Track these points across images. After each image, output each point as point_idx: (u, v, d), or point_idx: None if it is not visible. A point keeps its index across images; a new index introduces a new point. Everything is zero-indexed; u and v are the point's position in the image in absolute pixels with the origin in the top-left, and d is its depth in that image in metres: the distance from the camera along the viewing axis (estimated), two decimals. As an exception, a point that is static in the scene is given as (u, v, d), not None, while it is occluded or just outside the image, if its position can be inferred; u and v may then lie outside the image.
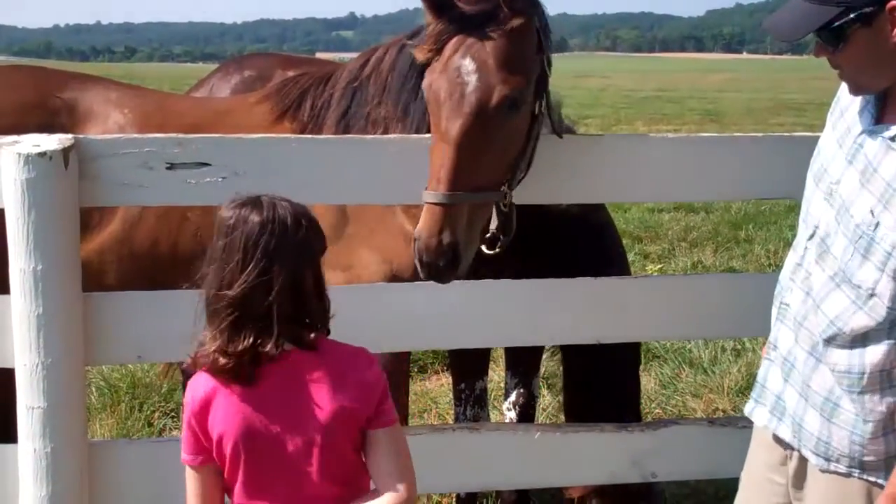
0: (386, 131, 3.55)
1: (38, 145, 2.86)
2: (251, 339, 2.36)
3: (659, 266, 10.14)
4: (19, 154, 2.82)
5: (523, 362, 4.63)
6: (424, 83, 3.07)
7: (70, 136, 2.99)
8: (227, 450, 2.42)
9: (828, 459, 2.60)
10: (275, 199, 2.44)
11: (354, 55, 4.13)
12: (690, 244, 11.26)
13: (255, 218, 2.38)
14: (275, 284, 2.35)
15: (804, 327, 2.64)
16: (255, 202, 2.42)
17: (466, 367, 4.52)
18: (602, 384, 4.10)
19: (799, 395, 2.66)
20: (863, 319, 2.47)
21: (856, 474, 2.57)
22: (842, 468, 2.59)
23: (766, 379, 2.81)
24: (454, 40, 3.01)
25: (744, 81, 56.76)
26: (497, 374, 6.29)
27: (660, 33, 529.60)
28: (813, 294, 2.61)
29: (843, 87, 2.67)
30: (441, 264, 2.96)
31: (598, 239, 4.11)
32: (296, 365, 2.43)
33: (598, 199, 3.88)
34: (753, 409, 2.87)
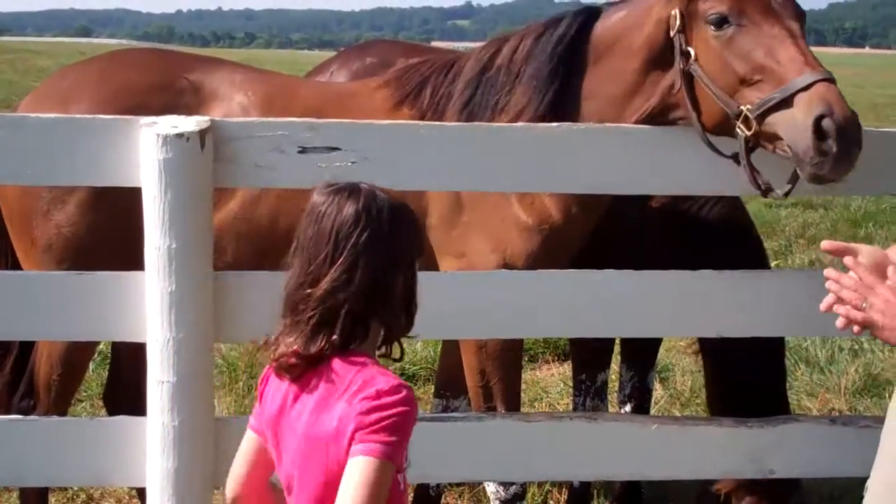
0: (516, 119, 3.56)
1: (176, 126, 2.95)
2: (326, 342, 2.23)
3: (776, 262, 9.95)
4: (158, 135, 2.92)
5: (640, 355, 4.60)
6: None
7: (207, 118, 3.07)
8: (269, 437, 2.40)
9: None
10: (375, 189, 2.29)
11: (470, 44, 4.16)
12: (808, 241, 11.02)
13: (350, 207, 2.23)
14: (356, 283, 2.21)
15: None
16: (352, 189, 2.27)
17: (588, 356, 4.51)
18: (746, 376, 4.03)
19: None
20: None
21: None
22: None
23: None
24: None
25: (867, 76, 55.24)
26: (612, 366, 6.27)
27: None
28: None
29: None
30: (860, 138, 2.91)
31: (741, 244, 4.06)
32: (321, 372, 2.27)
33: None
34: None
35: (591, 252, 3.81)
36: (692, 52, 3.25)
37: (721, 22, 3.16)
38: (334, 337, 2.22)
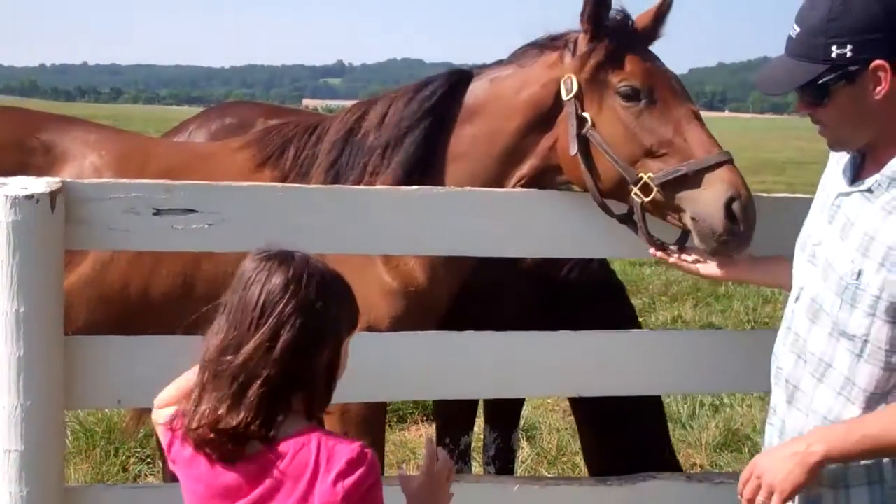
0: (382, 182, 3.56)
1: (26, 187, 2.86)
2: (251, 418, 2.13)
3: (640, 319, 10.15)
4: (7, 196, 2.83)
5: (504, 416, 4.60)
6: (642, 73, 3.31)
7: (58, 179, 3.00)
8: None
9: None
10: (308, 258, 2.24)
11: (342, 102, 4.19)
12: (671, 298, 11.31)
13: (279, 275, 2.17)
14: (276, 354, 2.13)
15: (800, 389, 2.69)
16: (284, 257, 2.22)
17: (452, 419, 4.49)
18: (626, 432, 4.10)
19: None
20: (865, 369, 2.51)
21: None
22: None
23: (770, 444, 2.83)
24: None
25: (725, 139, 57.18)
26: (476, 427, 6.27)
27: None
28: (806, 356, 2.66)
29: (829, 162, 2.78)
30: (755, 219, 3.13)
31: (612, 302, 4.14)
32: (265, 455, 2.18)
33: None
34: None
35: (458, 313, 3.82)
36: (589, 118, 3.33)
37: (632, 95, 3.28)
38: (255, 412, 2.13)
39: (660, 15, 3.46)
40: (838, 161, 2.75)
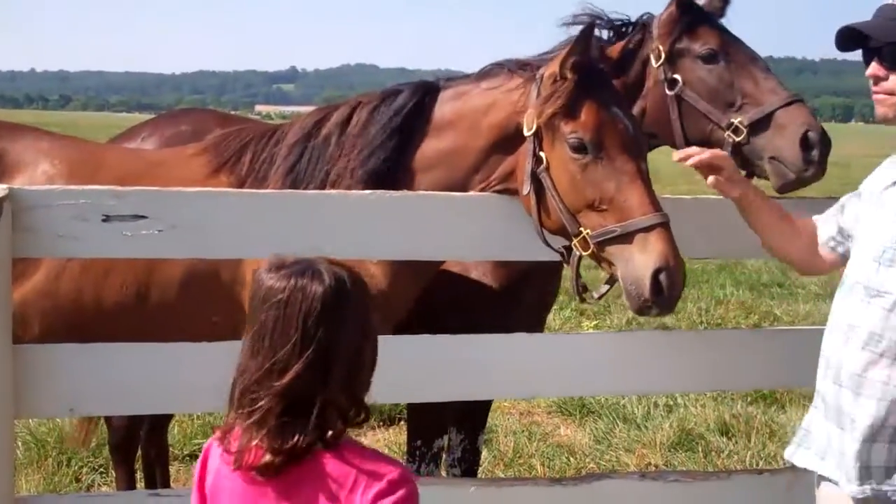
0: (350, 188, 3.55)
1: (-27, 195, 2.83)
2: (304, 433, 2.08)
3: (594, 323, 10.23)
4: (-47, 204, 2.80)
5: (470, 418, 4.58)
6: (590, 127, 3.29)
7: (4, 185, 2.97)
8: None
9: None
10: (327, 264, 2.18)
11: (296, 108, 4.16)
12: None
13: (316, 289, 2.11)
14: (334, 367, 2.10)
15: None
16: (312, 269, 2.14)
17: (426, 423, 4.44)
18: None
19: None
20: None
21: None
22: None
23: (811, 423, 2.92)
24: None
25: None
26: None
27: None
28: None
29: (865, 182, 3.00)
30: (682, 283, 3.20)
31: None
32: (311, 468, 2.14)
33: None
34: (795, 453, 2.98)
35: (418, 317, 3.84)
36: (545, 159, 3.34)
37: (580, 147, 3.27)
38: (308, 429, 2.09)
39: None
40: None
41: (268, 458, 2.09)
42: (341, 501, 2.11)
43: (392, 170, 3.58)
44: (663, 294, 3.14)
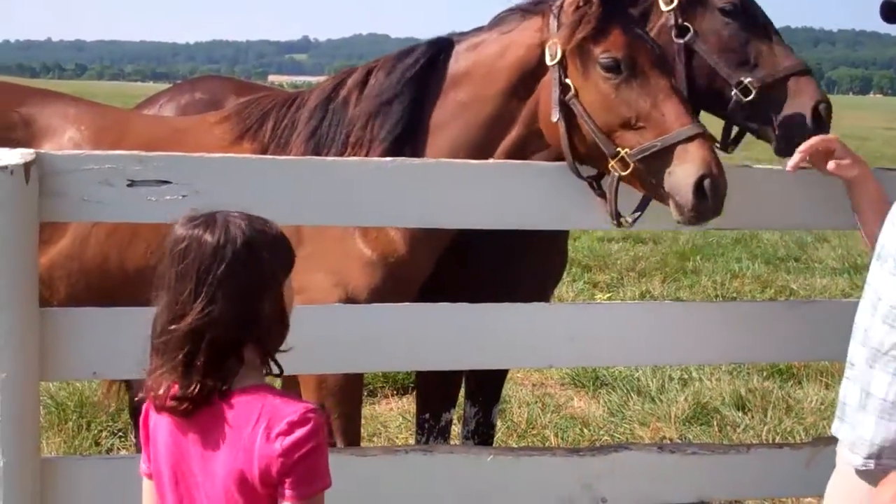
0: (363, 153, 3.57)
1: (0, 159, 2.85)
2: (204, 380, 2.23)
3: (608, 295, 10.22)
4: (-20, 168, 2.81)
5: (484, 390, 4.58)
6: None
7: (31, 150, 2.98)
8: (163, 480, 2.38)
9: None
10: (230, 217, 2.29)
11: (308, 78, 4.19)
12: (639, 274, 11.37)
13: (208, 239, 2.24)
14: (218, 316, 2.22)
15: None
16: (208, 221, 2.28)
17: (433, 394, 4.46)
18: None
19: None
20: None
21: None
22: None
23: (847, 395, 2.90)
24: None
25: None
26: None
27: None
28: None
29: None
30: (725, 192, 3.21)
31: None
32: (220, 410, 2.27)
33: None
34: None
35: (435, 283, 3.85)
36: (572, 86, 3.35)
37: (613, 67, 3.29)
38: (208, 373, 2.23)
39: None
40: None
41: (175, 401, 2.25)
42: (243, 440, 2.23)
43: (411, 128, 3.61)
44: (708, 199, 3.15)
